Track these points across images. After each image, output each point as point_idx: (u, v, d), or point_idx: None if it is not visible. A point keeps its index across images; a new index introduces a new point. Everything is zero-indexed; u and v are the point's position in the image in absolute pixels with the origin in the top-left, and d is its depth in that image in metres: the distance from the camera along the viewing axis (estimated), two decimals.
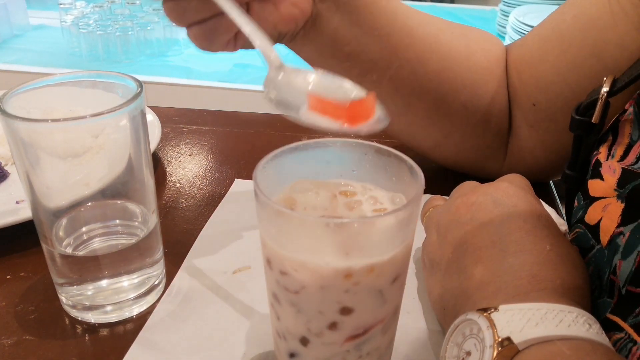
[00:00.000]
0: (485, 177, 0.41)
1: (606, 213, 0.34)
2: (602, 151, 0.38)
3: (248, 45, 0.43)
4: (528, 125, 0.53)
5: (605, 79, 0.38)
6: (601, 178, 0.36)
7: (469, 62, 0.53)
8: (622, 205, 0.33)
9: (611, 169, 0.35)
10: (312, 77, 0.34)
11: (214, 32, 0.41)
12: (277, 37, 0.45)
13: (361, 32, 0.49)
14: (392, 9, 0.50)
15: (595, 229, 0.35)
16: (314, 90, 0.33)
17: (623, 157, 0.35)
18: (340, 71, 0.51)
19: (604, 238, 0.34)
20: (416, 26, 0.51)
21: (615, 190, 0.34)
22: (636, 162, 0.34)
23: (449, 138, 0.55)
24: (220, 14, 0.37)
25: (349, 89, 0.33)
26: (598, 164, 0.37)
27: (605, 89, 0.38)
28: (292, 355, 0.32)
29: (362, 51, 0.49)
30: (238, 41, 0.44)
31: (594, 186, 0.36)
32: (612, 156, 0.36)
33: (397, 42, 0.50)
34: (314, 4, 0.46)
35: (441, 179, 0.60)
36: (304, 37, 0.47)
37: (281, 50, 0.45)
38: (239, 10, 0.36)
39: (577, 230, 0.38)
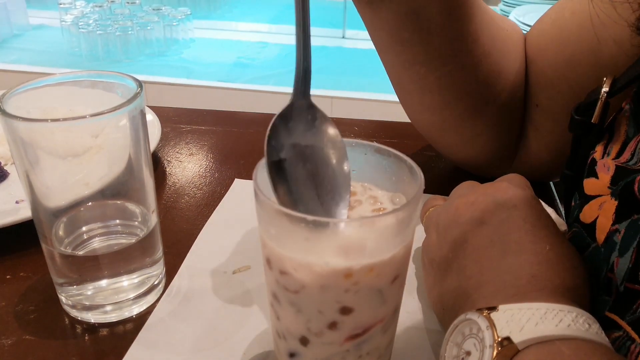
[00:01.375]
0: (491, 178, 0.41)
1: (602, 211, 0.35)
2: (598, 150, 0.38)
3: None
4: (533, 128, 0.54)
5: (605, 79, 0.38)
6: (596, 176, 0.36)
7: (515, 65, 0.52)
8: (616, 202, 0.33)
9: (605, 167, 0.36)
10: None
11: None
12: None
13: (442, 26, 0.46)
14: (470, 15, 0.47)
15: (590, 227, 0.35)
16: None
17: (618, 155, 0.35)
18: (416, 48, 0.48)
19: (600, 236, 0.34)
20: (481, 28, 0.49)
21: (609, 187, 0.34)
22: (631, 159, 0.34)
23: (477, 138, 0.55)
24: None
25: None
26: (593, 162, 0.37)
27: (605, 89, 0.38)
28: (292, 355, 0.32)
29: (423, 43, 0.47)
30: None
31: (589, 185, 0.37)
32: (608, 154, 0.36)
33: (461, 47, 0.48)
34: None
35: (441, 179, 0.61)
36: (381, 2, 0.45)
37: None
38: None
39: (573, 229, 0.38)
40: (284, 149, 0.30)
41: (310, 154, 0.31)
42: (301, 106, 0.31)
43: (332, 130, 0.32)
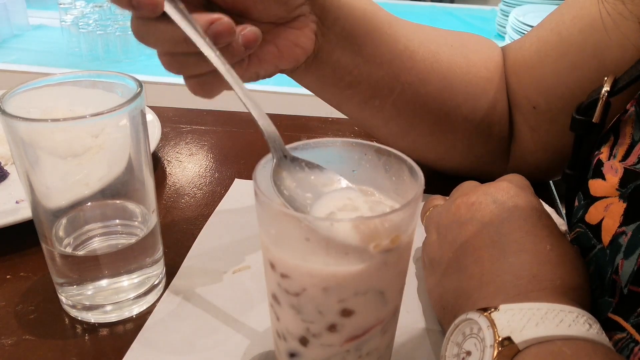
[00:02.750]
0: (488, 180, 0.41)
1: (608, 213, 0.34)
2: (604, 151, 0.38)
3: None
4: (529, 128, 0.53)
5: (606, 78, 0.38)
6: (603, 178, 0.36)
7: (469, 75, 0.53)
8: (625, 205, 0.33)
9: (613, 169, 0.35)
10: (322, 177, 0.32)
11: (212, 85, 0.40)
12: (276, 72, 0.44)
13: (363, 61, 0.48)
14: (393, 34, 0.49)
15: (596, 228, 0.35)
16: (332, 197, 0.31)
17: (625, 158, 0.35)
18: (342, 99, 0.51)
19: (606, 238, 0.34)
20: (417, 47, 0.50)
21: (617, 190, 0.34)
22: (637, 163, 0.34)
23: (452, 150, 0.55)
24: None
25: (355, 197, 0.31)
26: (600, 163, 0.37)
27: (606, 88, 0.38)
28: (291, 355, 0.32)
29: (364, 79, 0.49)
30: None
31: (595, 186, 0.36)
32: (614, 156, 0.36)
33: (399, 67, 0.49)
34: (316, 40, 0.45)
35: (441, 179, 0.60)
36: (305, 69, 0.46)
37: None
38: (240, 83, 0.33)
39: (577, 230, 0.38)
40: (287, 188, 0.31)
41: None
42: (285, 161, 0.32)
43: (326, 173, 0.32)
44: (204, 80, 0.40)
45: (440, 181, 0.52)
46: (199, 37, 0.34)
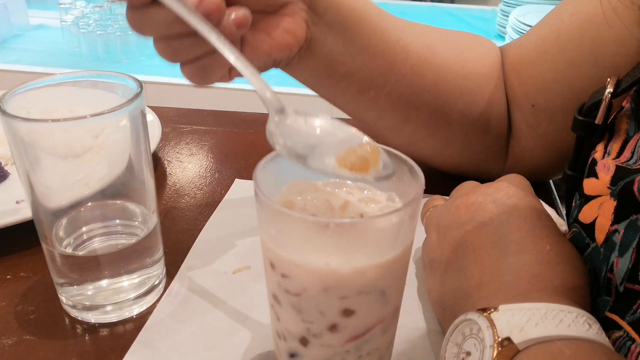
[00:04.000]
0: (487, 179, 0.41)
1: (601, 211, 0.34)
2: (599, 149, 0.38)
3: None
4: (528, 126, 0.53)
5: (609, 79, 0.38)
6: (596, 176, 0.36)
7: (464, 71, 0.53)
8: (615, 202, 0.33)
9: (605, 167, 0.35)
10: (318, 122, 0.33)
11: (208, 69, 0.41)
12: (271, 64, 0.45)
13: (356, 51, 0.48)
14: (383, 25, 0.49)
15: (589, 227, 0.35)
16: (327, 140, 0.32)
17: (619, 154, 0.35)
18: (337, 91, 0.51)
19: (600, 236, 0.34)
20: (410, 40, 0.51)
21: (608, 188, 0.34)
22: (631, 158, 0.34)
23: (449, 146, 0.55)
24: (213, 50, 0.35)
25: (357, 136, 0.32)
26: (594, 162, 0.37)
27: (609, 90, 0.38)
28: (292, 355, 0.32)
29: (358, 70, 0.49)
30: (232, 72, 0.43)
31: (589, 185, 0.37)
32: (608, 154, 0.36)
33: (393, 58, 0.50)
34: (307, 28, 0.45)
35: (441, 179, 0.60)
36: (299, 61, 0.47)
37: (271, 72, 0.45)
38: (232, 48, 0.34)
39: (573, 229, 0.38)
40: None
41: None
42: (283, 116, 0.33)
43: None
44: (200, 64, 0.40)
45: (440, 181, 0.52)
46: (190, 14, 0.34)
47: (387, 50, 0.49)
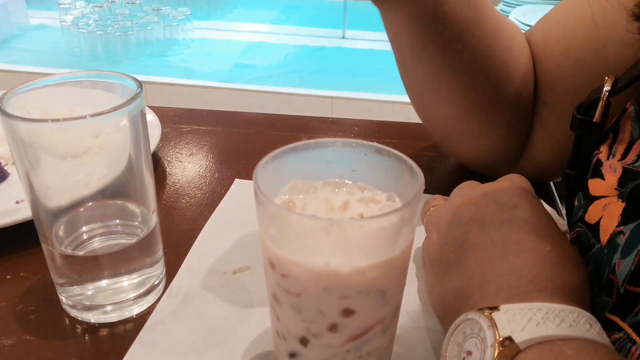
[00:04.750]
0: (494, 177, 0.40)
1: (606, 212, 0.34)
2: (603, 150, 0.38)
3: None
4: (540, 125, 0.53)
5: (606, 78, 0.38)
6: (602, 177, 0.36)
7: (522, 60, 0.52)
8: (623, 204, 0.33)
9: (612, 168, 0.35)
10: None
11: None
12: None
13: (455, 12, 0.47)
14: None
15: (595, 228, 0.35)
16: None
17: (624, 156, 0.35)
18: (433, 34, 0.49)
19: (604, 237, 0.34)
20: (487, 16, 0.50)
21: (616, 189, 0.34)
22: (637, 161, 0.34)
23: (483, 137, 0.55)
24: None
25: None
26: (599, 163, 0.37)
27: (606, 88, 0.38)
28: (292, 355, 0.32)
29: (457, 14, 0.48)
30: None
31: (595, 185, 0.36)
32: (613, 155, 0.36)
33: (481, 10, 0.49)
34: None
35: (442, 179, 0.60)
36: (402, 2, 0.46)
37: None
38: None
39: (577, 229, 0.38)
40: None
41: None
42: None
43: None
44: None
45: (440, 181, 0.52)
46: None
47: (476, 3, 0.49)
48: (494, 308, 0.29)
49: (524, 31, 0.56)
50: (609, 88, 0.38)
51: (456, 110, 0.53)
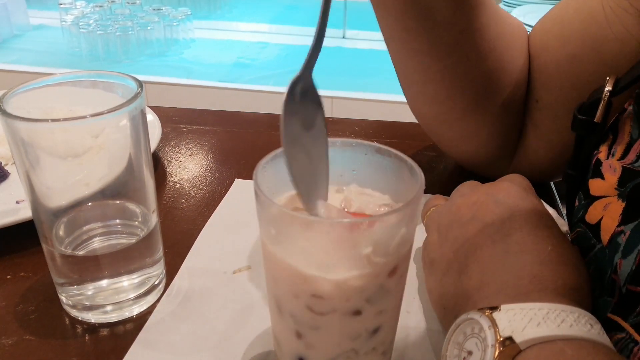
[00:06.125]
0: (490, 178, 0.40)
1: (607, 212, 0.34)
2: (603, 150, 0.38)
3: None
4: (533, 125, 0.53)
5: (608, 78, 0.38)
6: (602, 177, 0.36)
7: (519, 62, 0.51)
8: (623, 204, 0.33)
9: (612, 168, 0.35)
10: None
11: None
12: None
13: (448, 17, 0.46)
14: (488, 7, 0.48)
15: (595, 228, 0.35)
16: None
17: (623, 156, 0.35)
18: (399, 42, 0.48)
19: (605, 237, 0.34)
20: (488, 23, 0.49)
21: (616, 189, 0.34)
22: (636, 161, 0.34)
23: (477, 134, 0.54)
24: None
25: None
26: (599, 163, 0.37)
27: (608, 88, 0.38)
28: (299, 359, 0.32)
29: (433, 33, 0.47)
30: None
31: (595, 185, 0.36)
32: (613, 155, 0.36)
33: (466, 40, 0.48)
34: None
35: (442, 179, 0.60)
36: None
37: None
38: None
39: (577, 229, 0.38)
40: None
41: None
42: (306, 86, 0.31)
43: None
44: None
45: (440, 181, 0.52)
46: None
47: (464, 31, 0.48)
48: (495, 308, 0.29)
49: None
50: (610, 88, 0.38)
51: (447, 110, 0.53)
